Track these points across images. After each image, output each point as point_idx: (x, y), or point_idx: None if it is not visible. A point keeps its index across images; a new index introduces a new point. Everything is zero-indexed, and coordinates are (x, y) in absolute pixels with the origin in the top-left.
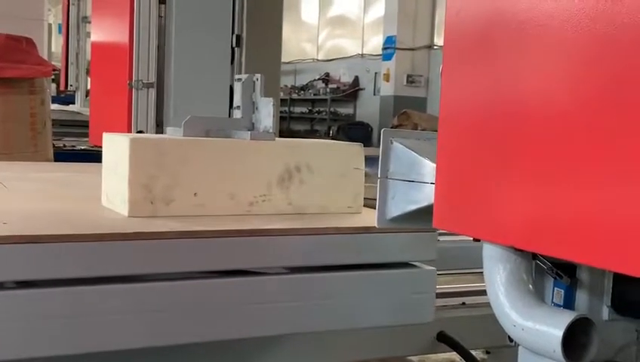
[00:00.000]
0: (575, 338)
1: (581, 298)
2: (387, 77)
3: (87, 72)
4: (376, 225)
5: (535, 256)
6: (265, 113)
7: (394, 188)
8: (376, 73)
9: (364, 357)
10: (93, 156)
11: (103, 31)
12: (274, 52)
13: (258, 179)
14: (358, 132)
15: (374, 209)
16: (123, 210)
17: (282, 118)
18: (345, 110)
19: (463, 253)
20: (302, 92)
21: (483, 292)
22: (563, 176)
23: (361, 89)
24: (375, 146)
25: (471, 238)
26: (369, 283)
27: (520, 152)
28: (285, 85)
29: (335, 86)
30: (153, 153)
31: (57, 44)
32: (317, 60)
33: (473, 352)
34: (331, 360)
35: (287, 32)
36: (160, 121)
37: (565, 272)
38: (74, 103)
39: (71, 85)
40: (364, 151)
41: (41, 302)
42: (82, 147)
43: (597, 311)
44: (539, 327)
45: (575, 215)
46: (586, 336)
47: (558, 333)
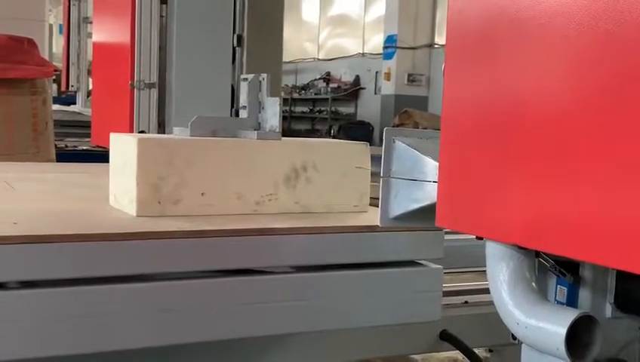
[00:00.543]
0: (578, 335)
1: (584, 295)
2: (388, 76)
3: (88, 73)
4: (379, 224)
5: (538, 254)
6: (271, 113)
7: (396, 187)
8: (377, 72)
9: (367, 356)
10: (95, 156)
11: (104, 31)
12: (275, 51)
13: (265, 179)
14: (359, 131)
15: None
16: (131, 210)
17: (283, 118)
18: (346, 109)
19: (464, 252)
20: (303, 91)
21: (485, 290)
22: (565, 174)
23: (362, 88)
24: (376, 145)
25: (472, 236)
26: (376, 281)
27: (522, 150)
28: (286, 85)
29: (336, 85)
30: (161, 153)
31: (58, 45)
32: (318, 60)
33: (476, 350)
34: (334, 359)
35: (288, 32)
36: (162, 121)
37: (568, 270)
38: (75, 104)
39: (72, 86)
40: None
41: (51, 302)
42: (84, 147)
43: (600, 309)
44: (542, 325)
45: (578, 213)
46: (590, 334)
47: (562, 331)
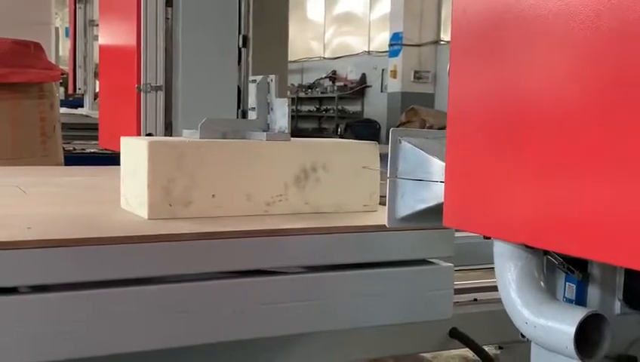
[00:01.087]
0: (587, 334)
1: (593, 292)
2: (394, 73)
3: (95, 75)
4: (386, 225)
5: (546, 252)
6: (280, 114)
7: (403, 187)
8: (383, 70)
9: (377, 355)
10: (103, 159)
11: (110, 34)
12: (281, 51)
13: (275, 180)
14: (366, 129)
15: None
16: (142, 213)
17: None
18: (352, 108)
19: (473, 249)
20: (309, 90)
21: (494, 288)
22: (572, 173)
23: (368, 86)
24: (383, 143)
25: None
26: (387, 280)
27: (529, 149)
28: (292, 84)
29: (342, 84)
30: (172, 156)
31: (65, 48)
32: (324, 58)
33: (486, 348)
34: (343, 358)
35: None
36: (169, 124)
37: (577, 267)
38: (82, 106)
39: (79, 88)
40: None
41: (65, 306)
42: (92, 150)
43: (609, 305)
44: (551, 324)
45: (586, 212)
46: (599, 332)
47: (570, 330)
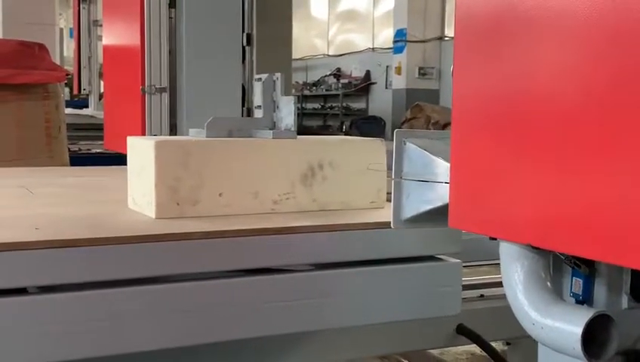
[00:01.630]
0: (595, 334)
1: (600, 287)
2: (399, 70)
3: (99, 75)
4: (392, 227)
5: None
6: (286, 112)
7: (408, 188)
8: (387, 67)
9: (384, 352)
10: (109, 159)
11: (114, 35)
12: (285, 49)
13: (282, 178)
14: (371, 126)
15: None
16: (150, 212)
17: None
18: (357, 105)
19: (479, 245)
20: (314, 88)
21: (501, 284)
22: (579, 173)
23: (372, 83)
24: (389, 140)
25: None
26: (395, 277)
27: (534, 149)
28: (297, 82)
29: (347, 81)
30: (178, 155)
31: (69, 48)
32: (328, 56)
33: (493, 344)
34: (351, 355)
35: (297, 29)
36: (173, 124)
37: (583, 262)
38: (87, 107)
39: (84, 89)
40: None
41: (74, 306)
42: (97, 150)
43: (616, 300)
44: (558, 325)
45: (592, 212)
46: (606, 332)
47: (577, 331)
